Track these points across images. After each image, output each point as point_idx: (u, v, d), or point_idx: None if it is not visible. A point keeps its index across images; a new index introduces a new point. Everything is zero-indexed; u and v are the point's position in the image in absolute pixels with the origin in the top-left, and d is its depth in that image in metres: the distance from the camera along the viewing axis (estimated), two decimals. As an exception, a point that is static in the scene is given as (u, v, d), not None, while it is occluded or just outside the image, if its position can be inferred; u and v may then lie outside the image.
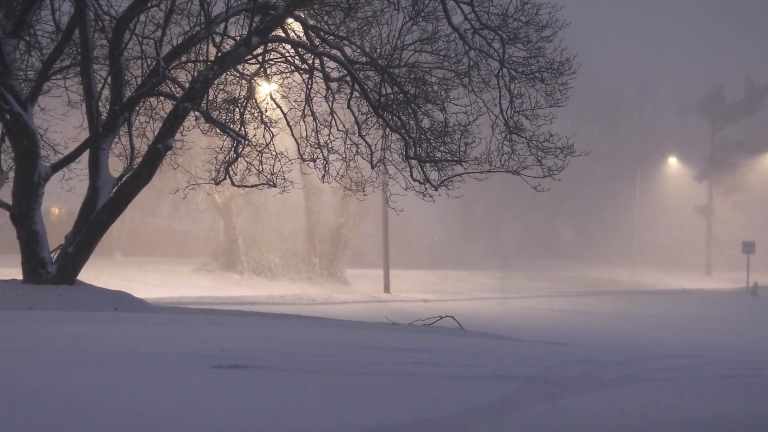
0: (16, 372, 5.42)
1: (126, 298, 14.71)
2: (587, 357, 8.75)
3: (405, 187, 16.54)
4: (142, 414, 4.37)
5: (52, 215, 46.51)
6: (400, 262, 49.41)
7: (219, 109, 16.89)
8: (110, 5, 16.00)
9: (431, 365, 7.15)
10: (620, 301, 35.58)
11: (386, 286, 34.91)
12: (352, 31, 16.39)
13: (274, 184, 17.18)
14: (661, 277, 57.75)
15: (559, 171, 16.06)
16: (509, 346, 11.23)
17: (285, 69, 17.26)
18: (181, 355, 6.65)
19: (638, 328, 22.92)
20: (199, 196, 39.48)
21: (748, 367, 8.60)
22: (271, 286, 36.62)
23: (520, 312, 27.93)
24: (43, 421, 4.10)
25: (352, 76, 15.63)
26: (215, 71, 14.85)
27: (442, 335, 12.57)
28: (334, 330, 11.53)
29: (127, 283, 28.79)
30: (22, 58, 16.19)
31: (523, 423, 4.68)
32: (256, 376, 5.82)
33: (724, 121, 70.61)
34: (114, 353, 6.61)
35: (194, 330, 9.50)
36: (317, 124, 17.22)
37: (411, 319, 16.78)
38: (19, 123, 14.48)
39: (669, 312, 29.27)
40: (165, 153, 14.92)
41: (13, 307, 12.45)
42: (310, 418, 4.49)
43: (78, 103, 17.25)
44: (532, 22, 15.53)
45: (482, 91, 16.26)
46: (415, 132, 16.22)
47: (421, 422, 4.50)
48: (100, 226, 14.75)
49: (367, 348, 8.38)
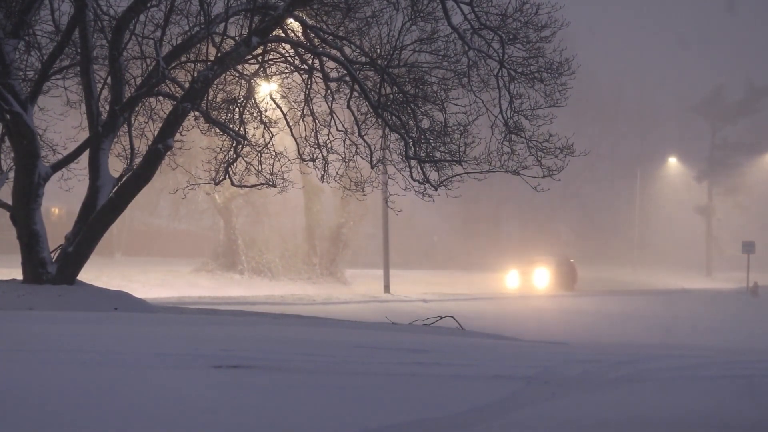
0: (16, 372, 5.42)
1: (126, 298, 14.70)
2: (587, 357, 8.75)
3: (404, 187, 16.54)
4: (142, 414, 4.37)
5: (52, 215, 46.49)
6: (400, 262, 49.35)
7: (219, 109, 16.89)
8: (110, 5, 16.02)
9: (431, 365, 7.15)
10: (620, 301, 35.55)
11: (386, 286, 34.85)
12: (351, 31, 16.40)
13: (274, 184, 17.19)
14: (661, 277, 57.69)
15: (559, 171, 16.07)
16: (509, 346, 11.24)
17: (284, 69, 17.26)
18: (181, 355, 6.65)
19: (638, 328, 22.90)
20: (199, 196, 39.42)
21: (748, 367, 8.60)
22: (271, 286, 36.56)
23: (520, 312, 27.90)
24: (43, 421, 4.10)
25: (352, 76, 15.64)
26: (215, 71, 14.85)
27: (442, 335, 12.58)
28: (334, 330, 11.53)
29: (127, 283, 28.72)
30: (21, 58, 16.19)
31: (523, 423, 4.68)
32: (256, 376, 5.82)
33: (724, 121, 70.56)
34: (114, 353, 6.61)
35: (194, 330, 9.49)
36: (317, 124, 17.22)
37: (411, 319, 16.77)
38: (19, 123, 14.48)
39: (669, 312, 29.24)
40: (165, 153, 14.92)
41: (13, 307, 12.45)
42: (310, 418, 4.49)
43: (77, 103, 17.25)
44: (532, 22, 15.53)
45: (481, 91, 16.27)
46: (414, 132, 16.22)
47: (421, 422, 4.50)
48: (100, 226, 14.75)
49: (367, 348, 8.38)
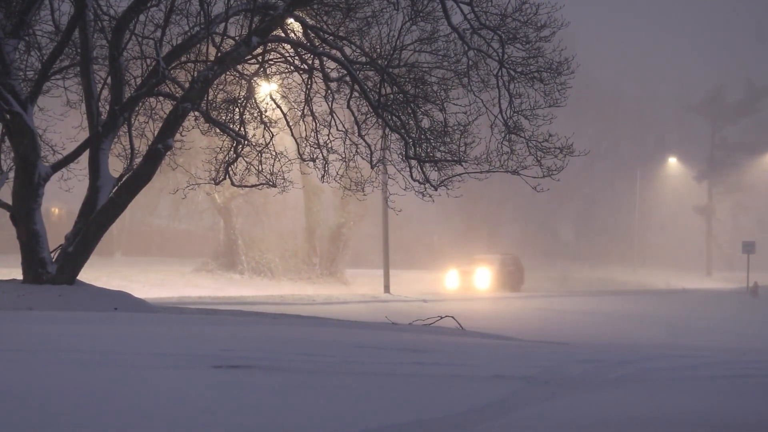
0: (16, 372, 5.42)
1: (126, 298, 14.70)
2: (587, 357, 8.75)
3: (405, 187, 16.54)
4: (142, 414, 4.37)
5: (52, 215, 46.49)
6: (400, 262, 49.32)
7: (219, 109, 16.89)
8: (110, 5, 16.02)
9: (431, 365, 7.15)
10: (620, 301, 35.54)
11: (386, 286, 34.84)
12: (351, 31, 16.40)
13: (274, 184, 17.19)
14: (661, 277, 57.68)
15: (559, 171, 16.08)
16: (509, 346, 11.23)
17: (285, 69, 17.26)
18: (181, 355, 6.65)
19: (638, 328, 22.89)
20: (199, 196, 39.43)
21: (748, 367, 8.60)
22: (271, 286, 36.57)
23: (521, 312, 27.90)
24: (43, 421, 4.10)
25: (352, 76, 15.64)
26: (215, 71, 14.86)
27: (442, 335, 12.57)
28: (334, 330, 11.53)
29: (127, 283, 28.72)
30: (21, 58, 16.20)
31: (523, 423, 4.68)
32: (256, 376, 5.82)
33: (724, 121, 70.64)
34: (114, 353, 6.61)
35: (194, 330, 9.50)
36: (317, 124, 17.23)
37: (411, 319, 16.76)
38: (19, 123, 14.48)
39: (669, 312, 29.23)
40: (165, 153, 14.93)
41: (13, 307, 12.45)
42: (310, 418, 4.49)
43: (77, 104, 17.25)
44: (531, 21, 15.54)
45: (481, 91, 16.28)
46: (414, 132, 16.22)
47: (421, 422, 4.50)
48: (100, 226, 14.75)
49: (367, 348, 8.38)
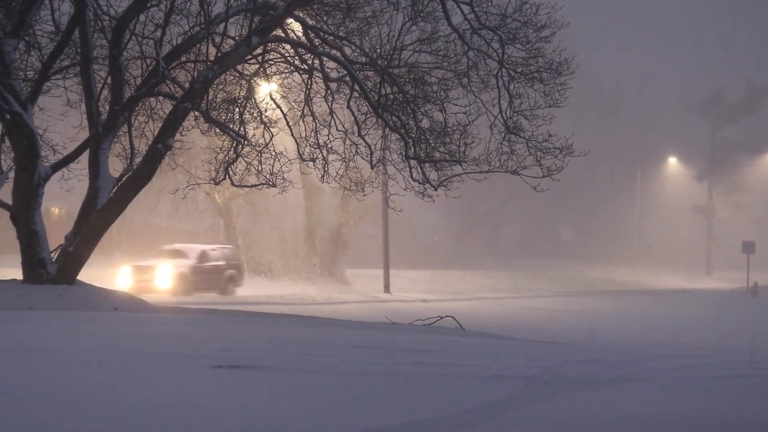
0: (16, 372, 5.43)
1: (126, 298, 14.71)
2: (587, 357, 8.75)
3: (404, 187, 16.54)
4: (142, 414, 4.37)
5: (52, 215, 46.42)
6: (400, 262, 49.29)
7: (219, 109, 16.88)
8: (110, 5, 16.01)
9: (431, 365, 7.16)
10: (620, 301, 35.53)
11: (386, 286, 34.84)
12: (351, 31, 16.40)
13: (274, 184, 17.19)
14: (661, 277, 57.64)
15: (559, 171, 16.08)
16: (509, 346, 11.24)
17: (285, 69, 17.26)
18: (181, 355, 6.65)
19: (638, 328, 22.89)
20: (199, 196, 39.37)
21: (748, 367, 8.60)
22: (271, 286, 36.54)
23: (520, 312, 27.91)
24: (44, 421, 4.10)
25: (352, 76, 15.64)
26: (215, 71, 14.86)
27: (442, 335, 12.57)
28: (334, 330, 11.53)
29: (127, 283, 28.65)
30: (21, 58, 16.20)
31: (523, 423, 4.68)
32: (256, 376, 5.83)
33: (724, 121, 70.56)
34: (114, 353, 6.61)
35: (194, 330, 9.50)
36: (317, 124, 17.22)
37: (411, 319, 16.75)
38: (19, 123, 14.48)
39: (669, 312, 29.22)
40: (165, 153, 14.93)
41: (13, 307, 12.46)
42: (310, 418, 4.49)
43: (77, 103, 17.24)
44: (531, 22, 15.54)
45: (481, 91, 16.28)
46: (414, 132, 16.22)
47: (421, 422, 4.50)
48: (100, 226, 14.75)
49: (367, 348, 8.39)
